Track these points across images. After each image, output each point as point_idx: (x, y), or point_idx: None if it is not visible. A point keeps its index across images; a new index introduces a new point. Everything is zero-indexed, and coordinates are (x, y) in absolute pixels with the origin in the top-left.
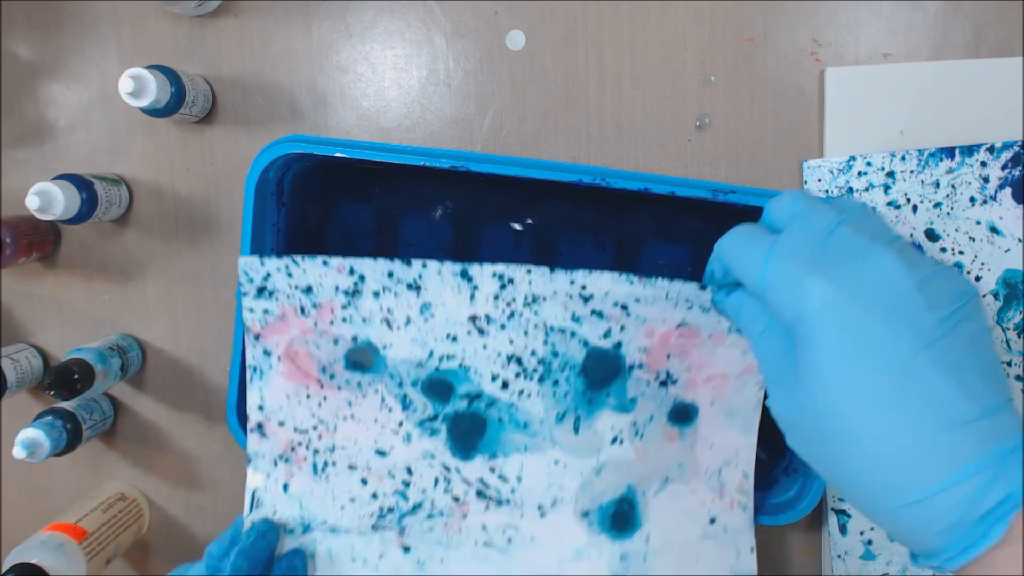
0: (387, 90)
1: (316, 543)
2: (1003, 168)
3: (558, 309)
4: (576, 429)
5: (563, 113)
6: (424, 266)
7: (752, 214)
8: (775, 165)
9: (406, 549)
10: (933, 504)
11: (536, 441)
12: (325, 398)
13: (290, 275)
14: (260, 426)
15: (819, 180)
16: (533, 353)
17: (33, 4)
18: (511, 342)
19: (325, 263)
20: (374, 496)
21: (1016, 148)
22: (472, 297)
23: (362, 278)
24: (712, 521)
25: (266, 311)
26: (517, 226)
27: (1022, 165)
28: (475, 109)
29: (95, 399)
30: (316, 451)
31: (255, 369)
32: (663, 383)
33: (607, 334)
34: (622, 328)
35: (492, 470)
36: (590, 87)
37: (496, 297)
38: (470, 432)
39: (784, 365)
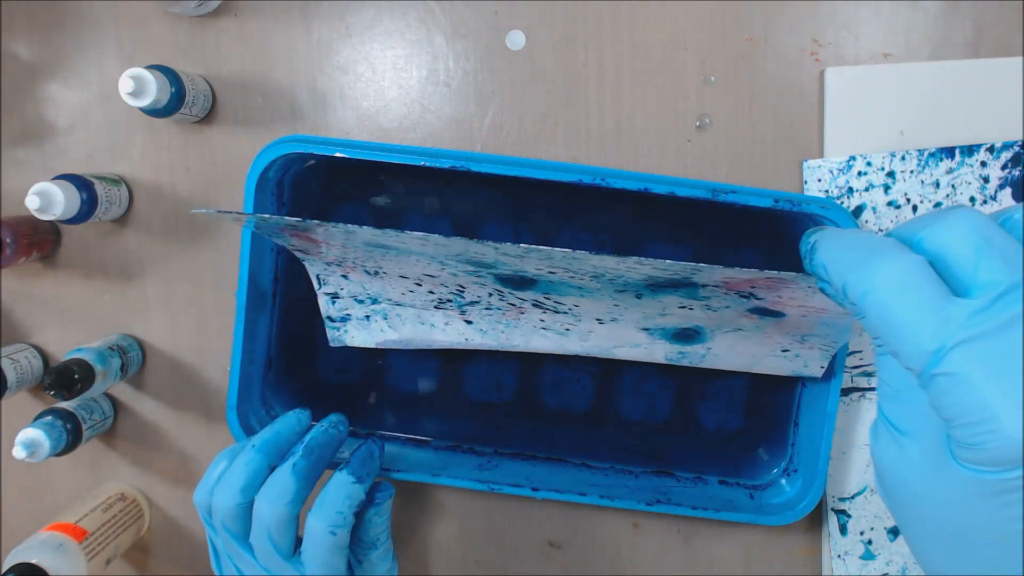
0: (387, 90)
1: (386, 310)
2: (1003, 168)
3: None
4: (639, 296)
5: (563, 113)
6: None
7: (752, 214)
8: (775, 165)
9: (469, 322)
10: None
11: (594, 294)
12: (357, 254)
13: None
14: (302, 251)
15: (819, 180)
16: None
17: (33, 4)
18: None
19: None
20: (431, 292)
21: (1016, 148)
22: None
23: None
24: (785, 351)
25: (289, 244)
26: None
27: (1022, 165)
28: (475, 109)
29: (95, 399)
30: (364, 265)
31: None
32: (745, 296)
33: (679, 280)
34: (695, 270)
35: (547, 297)
36: (590, 87)
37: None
38: (521, 281)
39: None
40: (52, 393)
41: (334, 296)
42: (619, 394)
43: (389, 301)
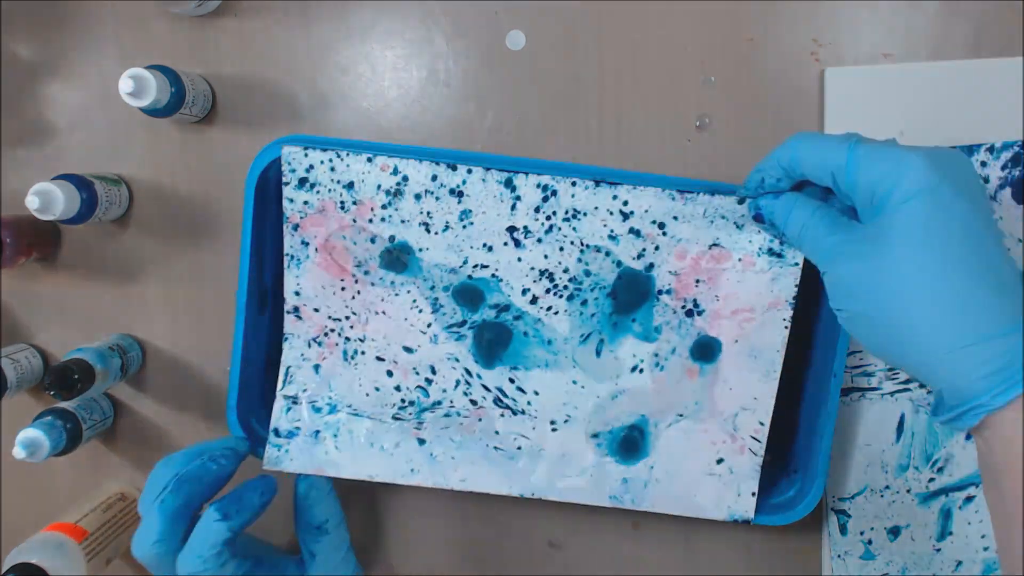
0: (387, 90)
1: (340, 423)
2: (1003, 168)
3: (596, 226)
4: (598, 352)
5: (563, 113)
6: (469, 172)
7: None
8: None
9: (421, 441)
10: (987, 347)
11: (558, 359)
12: (359, 292)
13: (333, 169)
14: (296, 309)
15: None
16: (566, 270)
17: (33, 4)
18: (545, 257)
19: (370, 160)
20: (397, 388)
21: (1016, 148)
22: (513, 208)
23: (405, 179)
24: (719, 461)
25: (306, 203)
26: None
27: (1022, 165)
28: (475, 109)
29: (95, 399)
30: (347, 339)
31: (292, 257)
32: (689, 313)
33: (641, 254)
34: (656, 248)
35: (512, 380)
36: (590, 87)
37: (537, 209)
38: (495, 342)
39: (852, 241)
40: (52, 393)
41: (292, 400)
42: None
43: (348, 409)
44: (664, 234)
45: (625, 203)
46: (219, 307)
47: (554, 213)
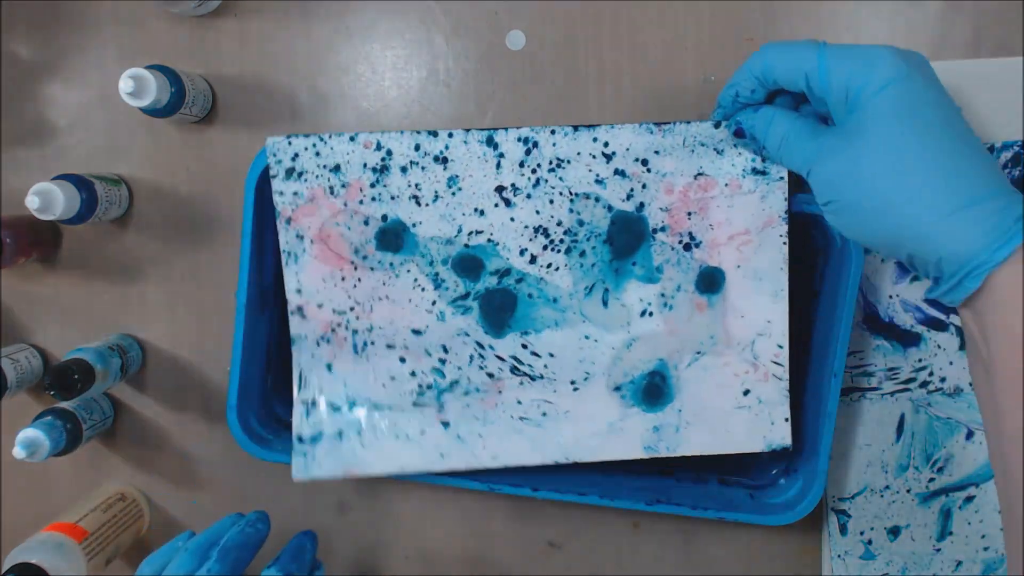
0: (387, 90)
1: (361, 420)
2: (1003, 168)
3: (582, 172)
4: (605, 302)
5: (563, 113)
6: (450, 135)
7: None
8: None
9: (445, 424)
10: (981, 208)
11: (566, 316)
12: (360, 280)
13: (318, 154)
14: (300, 308)
15: None
16: (559, 223)
17: (33, 4)
18: (537, 212)
19: (352, 139)
20: (412, 374)
21: (1016, 148)
22: (498, 166)
23: (389, 153)
24: (746, 392)
25: (296, 193)
26: None
27: (1022, 165)
28: (475, 109)
29: (95, 399)
30: (355, 331)
31: (289, 254)
32: (687, 247)
33: (630, 195)
34: (643, 187)
35: (524, 347)
36: (590, 87)
37: (522, 164)
38: (501, 308)
39: (832, 139)
40: (52, 393)
41: (311, 404)
42: None
43: (367, 403)
44: (648, 171)
45: (606, 144)
46: (219, 307)
47: (539, 165)
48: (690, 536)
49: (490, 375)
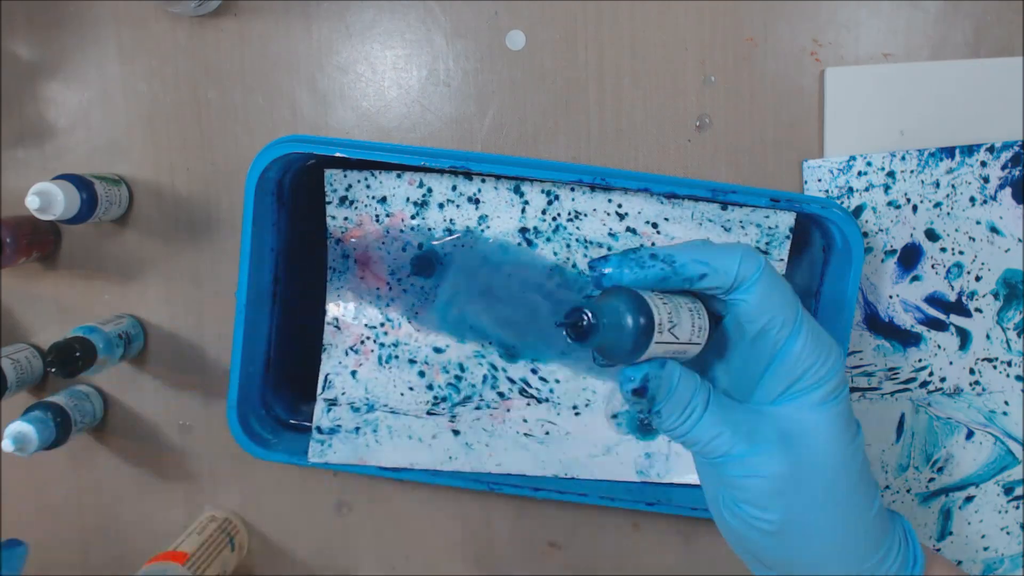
0: (387, 90)
1: (379, 420)
2: (1003, 168)
3: (597, 225)
4: None
5: (563, 113)
6: (483, 181)
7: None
8: (775, 165)
9: (456, 432)
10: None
11: (571, 349)
12: (392, 299)
13: (368, 186)
14: (336, 320)
15: (819, 180)
16: (574, 265)
17: (33, 4)
18: (555, 254)
19: (399, 176)
20: (430, 387)
21: (1016, 148)
22: (523, 211)
23: (430, 191)
24: None
25: (346, 219)
26: None
27: (1022, 165)
28: (475, 109)
29: (86, 395)
30: (382, 345)
31: (334, 270)
32: None
33: None
34: (652, 245)
35: (534, 371)
36: (590, 87)
37: (544, 212)
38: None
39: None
40: (53, 371)
41: (332, 403)
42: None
43: (384, 408)
44: (658, 232)
45: (620, 205)
46: (219, 307)
47: (559, 214)
48: (690, 536)
49: (500, 394)
